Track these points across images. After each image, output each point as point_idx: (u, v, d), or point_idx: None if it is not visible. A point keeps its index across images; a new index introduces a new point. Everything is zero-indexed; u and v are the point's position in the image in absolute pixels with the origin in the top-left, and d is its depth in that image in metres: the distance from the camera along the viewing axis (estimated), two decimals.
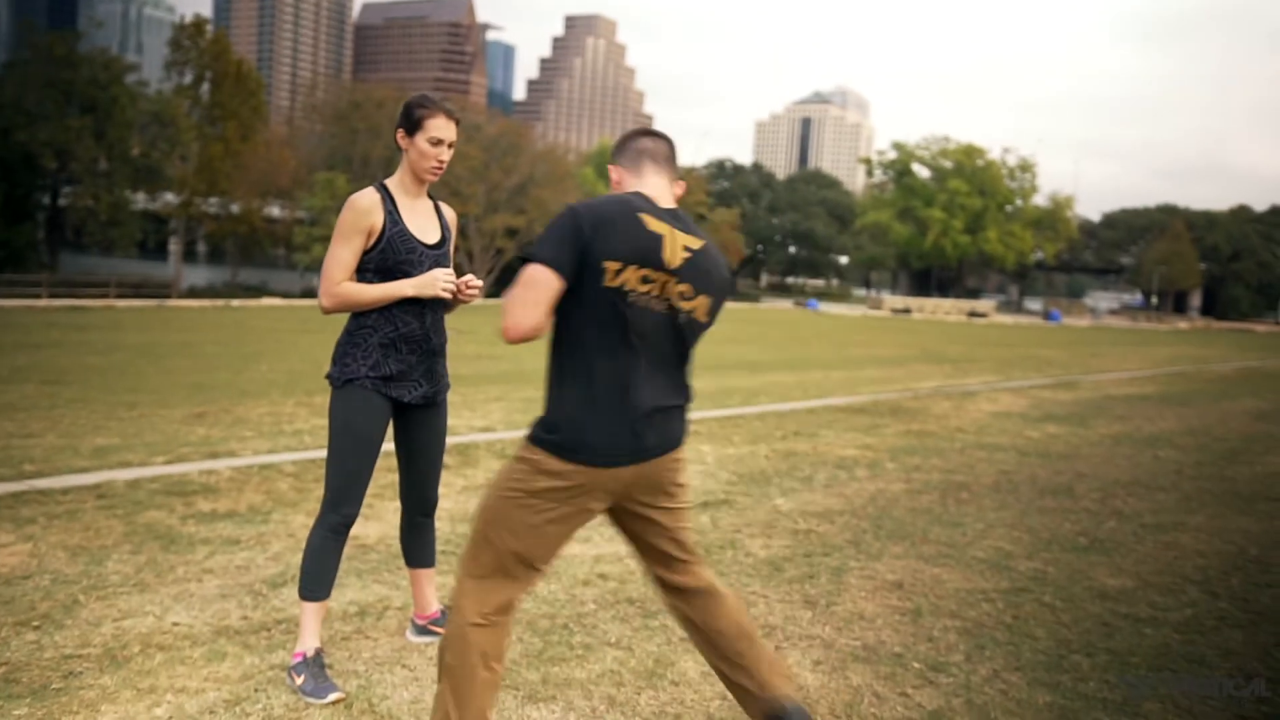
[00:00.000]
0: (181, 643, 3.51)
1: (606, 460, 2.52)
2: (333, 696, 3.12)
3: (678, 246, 2.52)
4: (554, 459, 2.51)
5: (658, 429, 2.58)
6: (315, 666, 3.21)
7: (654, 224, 2.52)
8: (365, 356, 3.26)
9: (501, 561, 2.56)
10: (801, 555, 5.07)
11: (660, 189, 2.66)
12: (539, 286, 2.44)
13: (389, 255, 3.23)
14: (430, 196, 3.46)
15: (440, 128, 3.27)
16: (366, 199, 3.24)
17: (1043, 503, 6.64)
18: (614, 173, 2.71)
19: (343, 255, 3.20)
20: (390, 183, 3.34)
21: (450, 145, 3.31)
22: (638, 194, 2.60)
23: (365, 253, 3.23)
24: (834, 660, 3.71)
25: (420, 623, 3.68)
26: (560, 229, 2.46)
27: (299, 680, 3.17)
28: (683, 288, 2.53)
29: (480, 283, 3.36)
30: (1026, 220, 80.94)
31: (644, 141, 2.72)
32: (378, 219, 3.22)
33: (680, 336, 2.58)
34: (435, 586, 3.76)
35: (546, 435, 2.53)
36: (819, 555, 5.09)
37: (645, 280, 2.47)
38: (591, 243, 2.43)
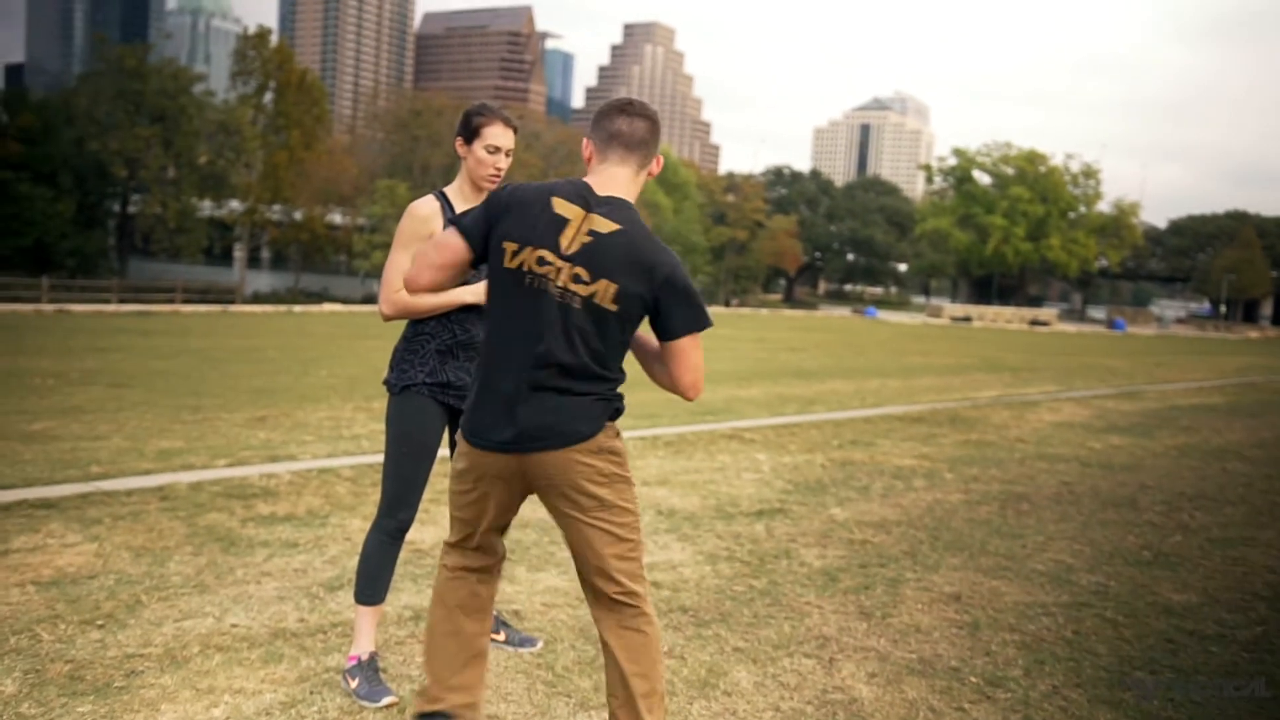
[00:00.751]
0: (239, 644, 3.56)
1: (482, 444, 2.54)
2: (386, 700, 3.14)
3: (581, 231, 2.47)
4: (463, 439, 2.61)
5: (534, 418, 2.48)
6: (370, 670, 3.24)
7: (564, 208, 2.49)
8: (423, 363, 3.28)
9: (456, 526, 2.74)
10: (857, 565, 5.02)
11: (616, 179, 2.56)
12: (445, 249, 2.56)
13: None
14: None
15: (497, 135, 3.29)
16: (426, 206, 3.27)
17: (1105, 515, 6.51)
18: (586, 148, 2.65)
19: (402, 262, 3.23)
20: (449, 190, 3.36)
21: (508, 153, 3.33)
22: (573, 181, 2.57)
23: None
24: (889, 673, 3.66)
25: None
26: (484, 204, 2.56)
27: (353, 684, 3.20)
28: (578, 270, 2.45)
29: None
30: (1090, 227, 79.60)
31: (619, 123, 2.58)
32: (437, 227, 3.25)
33: (576, 321, 2.47)
34: None
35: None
36: (875, 566, 5.03)
37: (541, 262, 2.47)
38: (499, 222, 2.50)
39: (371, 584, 3.30)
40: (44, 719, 2.93)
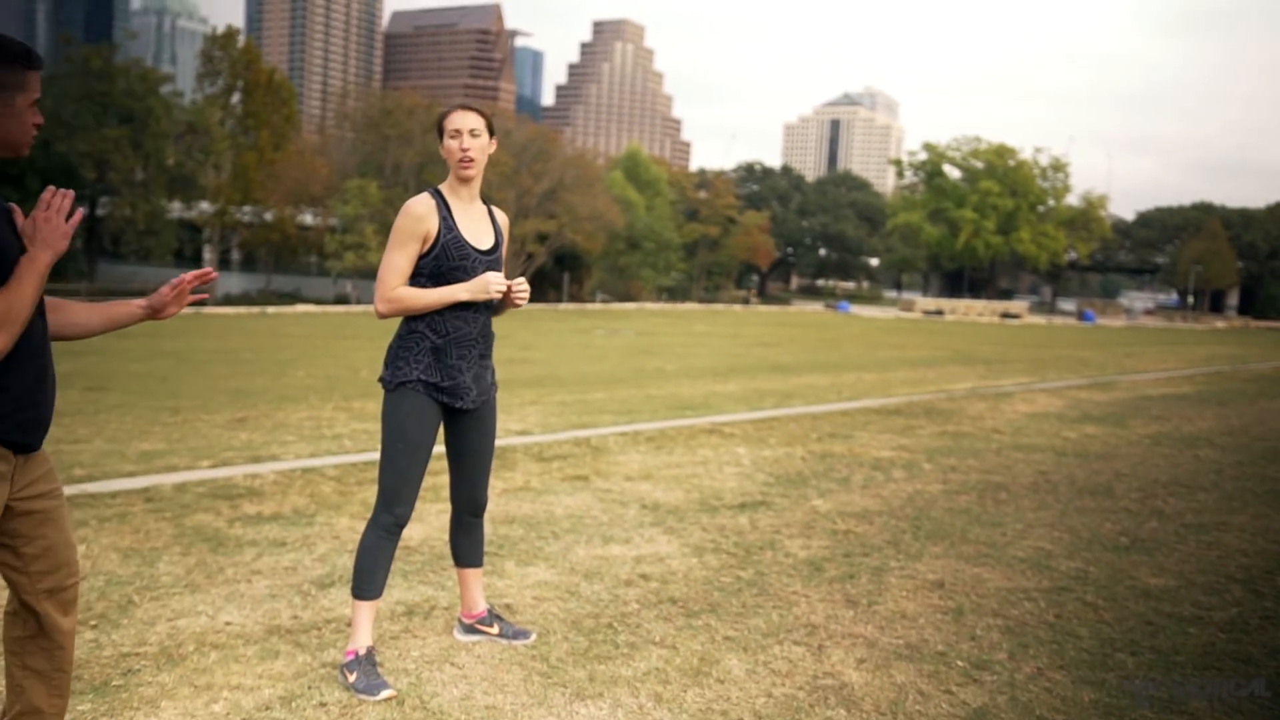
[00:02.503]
0: (235, 641, 3.58)
1: None
2: (385, 694, 3.17)
3: None
4: None
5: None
6: (368, 664, 3.27)
7: None
8: (417, 361, 3.31)
9: None
10: (841, 555, 5.09)
11: None
12: None
13: (443, 261, 3.27)
14: (485, 201, 3.51)
15: (454, 120, 3.32)
16: (422, 205, 3.29)
17: (1082, 503, 6.61)
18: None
19: (398, 261, 3.25)
20: (444, 188, 3.39)
21: (471, 133, 3.33)
22: None
23: (420, 258, 3.28)
24: (877, 659, 3.73)
25: (468, 621, 3.73)
26: None
27: (351, 678, 3.23)
28: None
29: (528, 287, 3.41)
30: (1059, 220, 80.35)
31: None
32: (433, 225, 3.27)
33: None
34: (483, 586, 3.81)
35: None
36: (859, 555, 5.10)
37: None
38: None
39: (368, 579, 3.33)
40: None
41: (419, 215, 3.26)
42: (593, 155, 72.00)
